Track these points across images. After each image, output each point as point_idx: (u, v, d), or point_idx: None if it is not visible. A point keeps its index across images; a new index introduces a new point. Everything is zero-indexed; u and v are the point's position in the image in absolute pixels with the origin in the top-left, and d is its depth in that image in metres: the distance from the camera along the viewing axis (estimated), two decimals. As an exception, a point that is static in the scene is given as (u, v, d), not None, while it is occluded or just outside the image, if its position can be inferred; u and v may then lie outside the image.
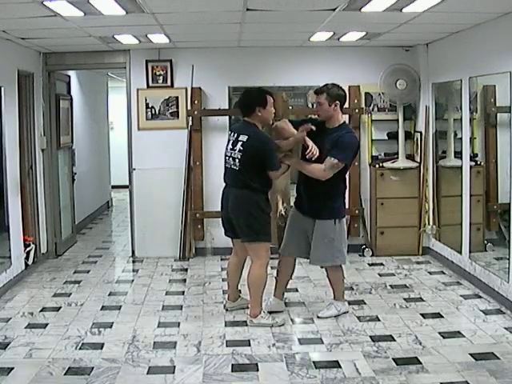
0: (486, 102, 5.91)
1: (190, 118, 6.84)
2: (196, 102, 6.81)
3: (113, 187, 11.29)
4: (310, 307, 5.16)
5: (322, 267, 5.08)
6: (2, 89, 5.61)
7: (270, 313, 4.83)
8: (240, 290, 5.11)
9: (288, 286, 5.42)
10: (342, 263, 4.88)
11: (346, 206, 6.80)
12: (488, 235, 5.95)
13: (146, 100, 6.91)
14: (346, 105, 6.74)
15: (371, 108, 6.96)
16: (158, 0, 4.34)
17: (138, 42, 6.28)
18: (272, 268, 5.05)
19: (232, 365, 3.99)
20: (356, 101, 6.85)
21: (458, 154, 5.99)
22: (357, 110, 6.83)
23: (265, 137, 4.66)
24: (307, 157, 4.53)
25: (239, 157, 4.60)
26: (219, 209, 4.92)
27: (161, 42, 6.26)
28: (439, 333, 4.48)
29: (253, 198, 4.61)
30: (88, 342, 4.40)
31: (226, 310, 5.06)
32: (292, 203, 5.16)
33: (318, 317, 4.85)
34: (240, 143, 4.61)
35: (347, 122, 6.80)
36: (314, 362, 4.02)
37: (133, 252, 7.10)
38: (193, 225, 6.95)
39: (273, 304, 4.98)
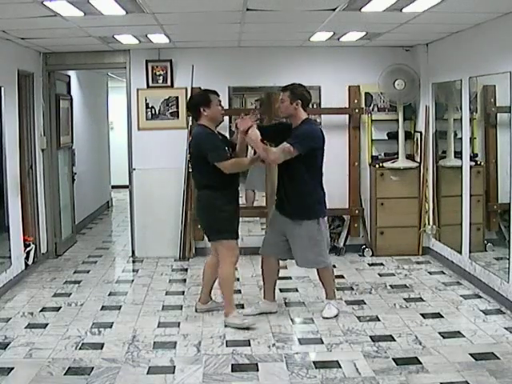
0: (486, 102, 5.91)
1: (190, 118, 6.83)
2: (196, 102, 6.80)
3: (113, 187, 11.28)
4: (309, 307, 5.15)
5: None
6: (2, 89, 5.61)
7: (261, 313, 4.85)
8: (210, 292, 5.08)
9: (288, 286, 5.43)
10: (329, 264, 4.90)
11: (346, 206, 6.96)
12: (488, 235, 5.95)
13: (146, 100, 6.90)
14: (346, 105, 6.89)
15: (371, 108, 6.96)
16: (158, 0, 4.34)
17: (138, 42, 6.28)
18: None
19: (232, 365, 3.99)
20: (356, 101, 6.84)
21: (458, 154, 5.99)
22: (357, 110, 6.83)
23: (202, 133, 4.66)
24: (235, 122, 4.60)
25: (189, 159, 4.71)
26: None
27: (161, 41, 6.26)
28: (439, 333, 4.47)
29: (208, 197, 4.66)
30: (88, 342, 4.40)
31: (196, 310, 5.04)
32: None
33: (324, 317, 4.83)
34: (188, 146, 4.69)
35: (346, 121, 6.86)
36: (313, 362, 4.01)
37: (133, 252, 7.10)
38: (193, 225, 6.94)
39: (262, 307, 4.95)
